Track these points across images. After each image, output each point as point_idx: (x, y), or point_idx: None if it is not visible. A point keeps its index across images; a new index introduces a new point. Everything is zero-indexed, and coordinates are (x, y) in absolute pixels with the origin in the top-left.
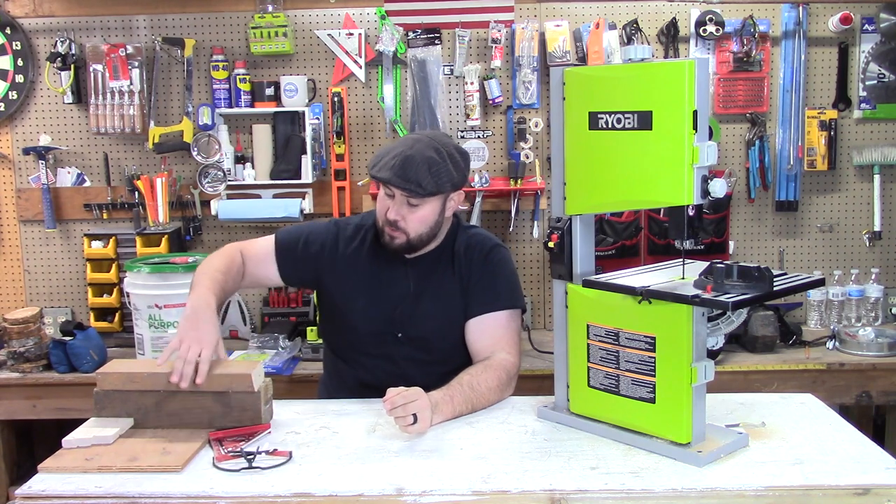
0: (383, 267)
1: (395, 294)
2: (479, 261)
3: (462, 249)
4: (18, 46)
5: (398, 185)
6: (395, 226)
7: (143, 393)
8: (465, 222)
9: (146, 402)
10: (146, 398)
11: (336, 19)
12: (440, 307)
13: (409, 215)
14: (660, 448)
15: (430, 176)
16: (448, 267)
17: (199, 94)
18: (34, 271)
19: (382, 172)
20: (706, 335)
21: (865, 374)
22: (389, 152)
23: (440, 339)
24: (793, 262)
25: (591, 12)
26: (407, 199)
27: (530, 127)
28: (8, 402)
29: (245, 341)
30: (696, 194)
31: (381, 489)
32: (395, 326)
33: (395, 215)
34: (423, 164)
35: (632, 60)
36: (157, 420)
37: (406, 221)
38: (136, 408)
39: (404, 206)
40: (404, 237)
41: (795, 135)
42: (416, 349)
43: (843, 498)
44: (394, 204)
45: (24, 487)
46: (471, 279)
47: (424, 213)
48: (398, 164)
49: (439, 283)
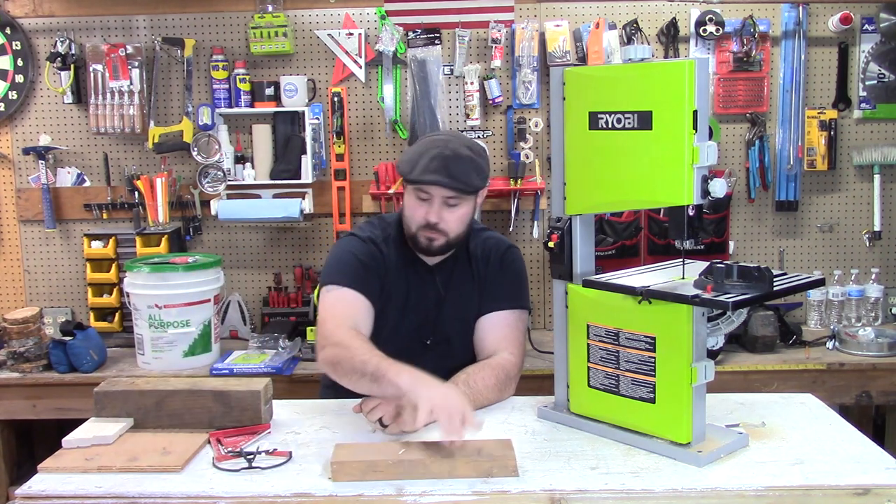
0: (413, 275)
1: (427, 301)
2: (495, 262)
3: (479, 252)
4: (18, 46)
5: (448, 185)
6: (436, 228)
7: (143, 393)
8: (478, 224)
9: (146, 402)
10: (146, 398)
11: (336, 19)
12: (461, 309)
13: (448, 216)
14: (660, 448)
15: (474, 173)
16: (466, 269)
17: (199, 94)
18: (34, 271)
19: (427, 175)
20: (706, 335)
21: (865, 374)
22: (423, 155)
23: (461, 342)
24: (793, 262)
25: (591, 12)
26: (446, 200)
27: (530, 127)
28: (8, 402)
29: (245, 341)
30: (696, 194)
31: (381, 489)
32: (425, 333)
33: (435, 217)
34: (465, 162)
35: (632, 60)
36: (157, 420)
37: (446, 223)
38: (136, 408)
39: (444, 208)
40: (444, 239)
41: (795, 135)
42: (441, 354)
43: (843, 498)
44: (432, 207)
45: (24, 487)
46: (486, 279)
47: (463, 211)
48: (440, 165)
49: (460, 285)
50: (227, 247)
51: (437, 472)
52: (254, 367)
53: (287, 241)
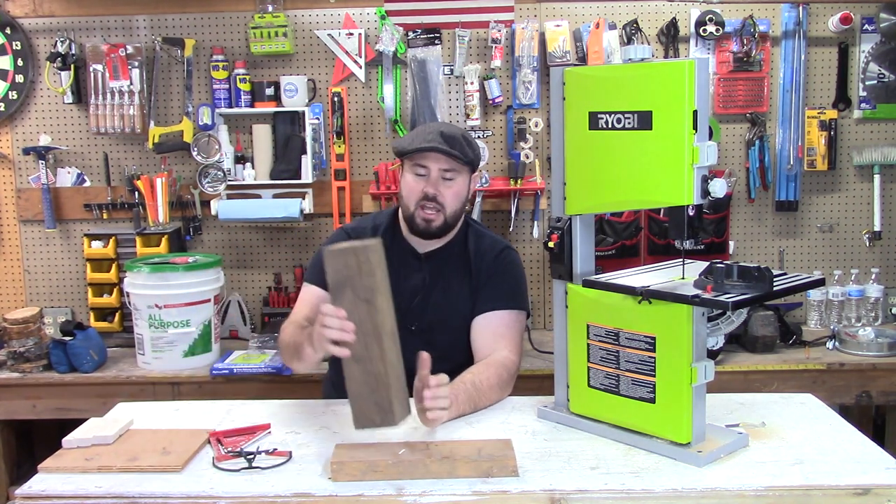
0: (401, 264)
1: (412, 287)
2: (489, 261)
3: (474, 250)
4: (18, 46)
5: (445, 151)
6: (434, 200)
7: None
8: (475, 223)
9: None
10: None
11: (336, 19)
12: (446, 299)
13: (445, 191)
14: (660, 448)
15: (468, 146)
16: (461, 265)
17: (199, 94)
18: (34, 271)
19: (424, 144)
20: (706, 335)
21: (865, 374)
22: (422, 131)
23: (442, 331)
24: (793, 262)
25: (591, 12)
26: (443, 174)
27: (530, 127)
28: (8, 402)
29: (245, 341)
30: (696, 194)
31: (381, 489)
32: (410, 319)
33: (433, 189)
34: (460, 136)
35: (632, 60)
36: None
37: (443, 197)
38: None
39: (440, 182)
40: (441, 216)
41: (795, 135)
42: (426, 342)
43: (843, 498)
44: (430, 181)
45: (24, 487)
46: (480, 279)
47: (459, 187)
48: (437, 136)
49: (450, 277)
50: (227, 247)
51: (437, 472)
52: (254, 367)
53: (287, 241)
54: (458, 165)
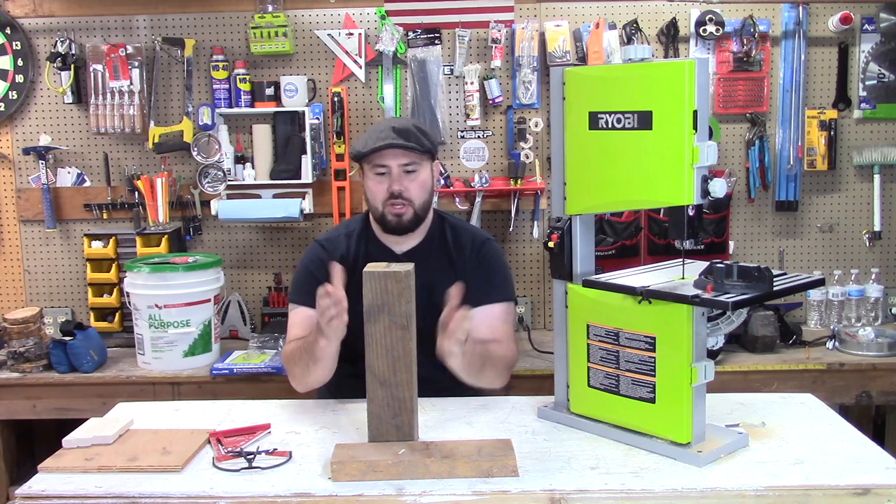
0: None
1: None
2: (472, 255)
3: (454, 244)
4: (18, 46)
5: (401, 145)
6: (401, 196)
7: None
8: (448, 215)
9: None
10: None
11: (336, 19)
12: (426, 294)
13: (409, 184)
14: (660, 448)
15: (422, 136)
16: (443, 262)
17: (199, 94)
18: (34, 271)
19: (378, 143)
20: (706, 335)
21: (865, 374)
22: (374, 131)
23: (429, 329)
24: (793, 262)
25: (591, 12)
26: (403, 168)
27: (530, 127)
28: (8, 402)
29: (245, 341)
30: (696, 194)
31: (381, 489)
32: None
33: (398, 186)
34: (412, 127)
35: (632, 60)
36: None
37: (409, 191)
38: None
39: (404, 178)
40: (411, 209)
41: (795, 135)
42: (416, 346)
43: (843, 498)
44: (392, 178)
45: (24, 487)
46: (465, 272)
47: (423, 178)
48: (390, 133)
49: (432, 273)
50: (227, 247)
51: (437, 472)
52: (254, 367)
53: (287, 241)
54: (417, 157)
